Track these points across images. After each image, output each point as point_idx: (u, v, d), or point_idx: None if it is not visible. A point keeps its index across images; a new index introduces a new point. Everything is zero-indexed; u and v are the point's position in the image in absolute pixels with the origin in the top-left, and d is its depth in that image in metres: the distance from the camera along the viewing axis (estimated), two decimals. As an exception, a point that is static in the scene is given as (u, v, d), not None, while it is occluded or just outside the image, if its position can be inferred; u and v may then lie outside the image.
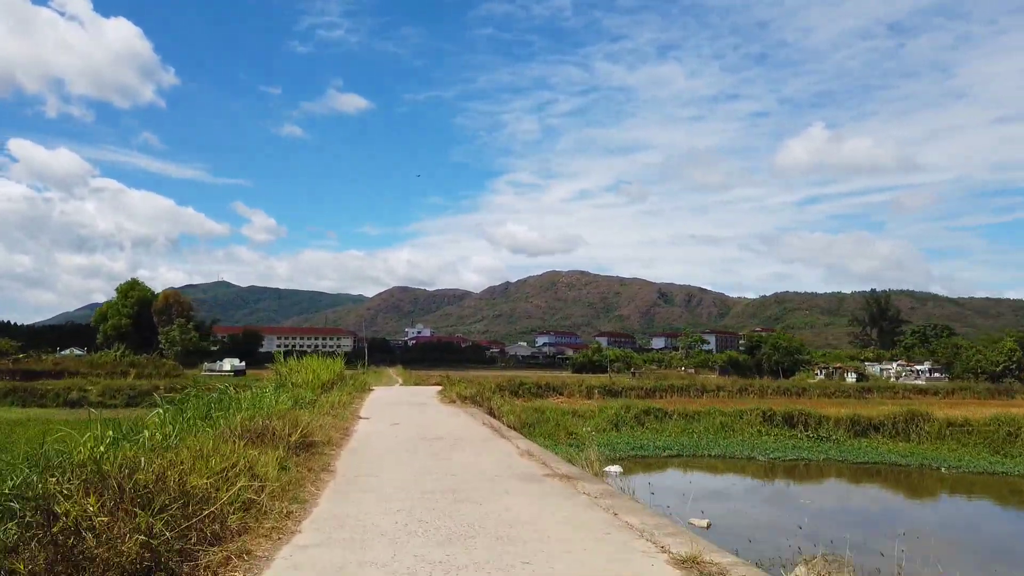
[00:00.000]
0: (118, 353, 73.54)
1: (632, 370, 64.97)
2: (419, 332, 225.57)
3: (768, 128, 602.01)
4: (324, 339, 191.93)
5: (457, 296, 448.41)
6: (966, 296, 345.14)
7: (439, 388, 30.48)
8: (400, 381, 46.16)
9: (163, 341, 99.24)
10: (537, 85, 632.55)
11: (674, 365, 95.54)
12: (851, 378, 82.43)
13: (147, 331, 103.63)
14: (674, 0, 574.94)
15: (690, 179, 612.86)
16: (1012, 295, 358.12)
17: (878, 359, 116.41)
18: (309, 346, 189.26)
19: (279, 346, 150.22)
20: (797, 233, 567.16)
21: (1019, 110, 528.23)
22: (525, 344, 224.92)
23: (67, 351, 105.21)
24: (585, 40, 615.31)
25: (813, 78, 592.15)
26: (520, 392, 35.14)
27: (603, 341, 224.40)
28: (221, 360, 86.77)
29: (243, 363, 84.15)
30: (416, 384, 40.87)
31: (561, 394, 37.66)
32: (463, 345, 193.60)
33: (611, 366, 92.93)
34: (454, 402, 21.33)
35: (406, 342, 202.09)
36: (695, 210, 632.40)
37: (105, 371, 56.85)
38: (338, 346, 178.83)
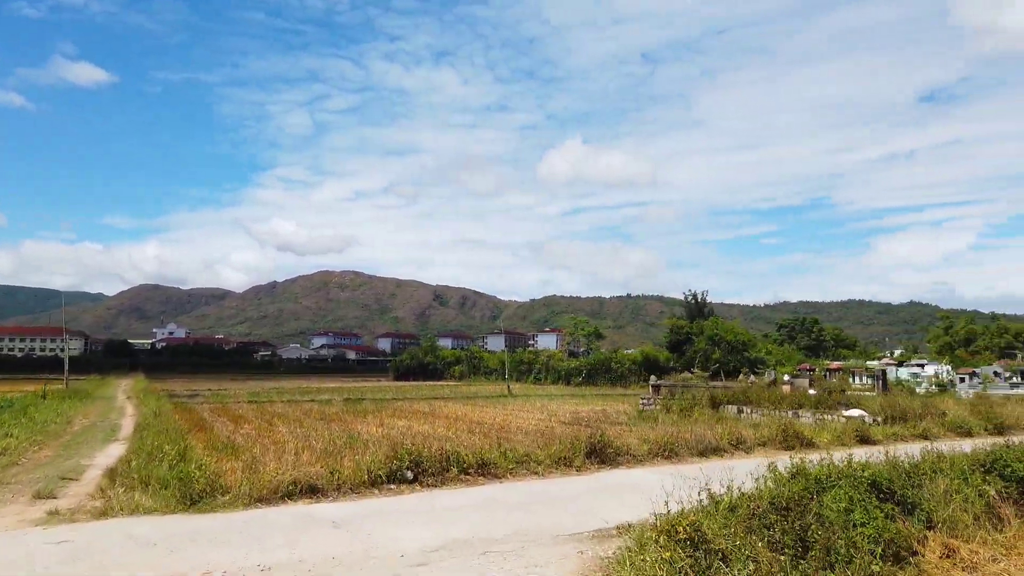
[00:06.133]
0: None
1: (810, 379, 37.05)
2: (171, 332, 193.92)
3: (537, 140, 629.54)
4: (41, 341, 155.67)
5: (216, 296, 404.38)
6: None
7: None
8: (118, 440, 19.12)
9: None
10: (310, 78, 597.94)
11: (556, 365, 74.47)
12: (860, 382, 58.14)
13: None
14: (449, 7, 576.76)
15: (464, 184, 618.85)
16: (738, 300, 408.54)
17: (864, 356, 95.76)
18: (20, 349, 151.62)
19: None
20: (560, 241, 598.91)
21: (743, 141, 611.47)
22: (299, 346, 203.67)
23: None
24: (361, 37, 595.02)
25: (576, 96, 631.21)
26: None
27: (386, 342, 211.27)
28: None
29: None
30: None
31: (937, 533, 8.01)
32: (226, 347, 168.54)
33: (502, 373, 64.80)
34: None
35: (154, 344, 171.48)
36: (469, 215, 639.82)
37: None
38: (61, 350, 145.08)
